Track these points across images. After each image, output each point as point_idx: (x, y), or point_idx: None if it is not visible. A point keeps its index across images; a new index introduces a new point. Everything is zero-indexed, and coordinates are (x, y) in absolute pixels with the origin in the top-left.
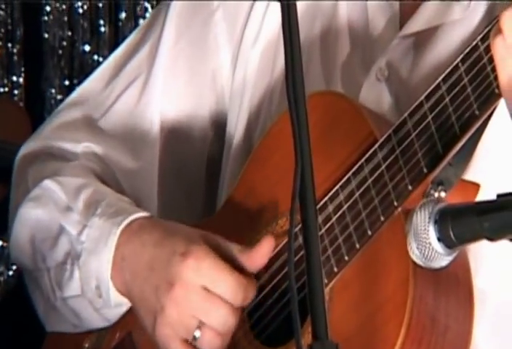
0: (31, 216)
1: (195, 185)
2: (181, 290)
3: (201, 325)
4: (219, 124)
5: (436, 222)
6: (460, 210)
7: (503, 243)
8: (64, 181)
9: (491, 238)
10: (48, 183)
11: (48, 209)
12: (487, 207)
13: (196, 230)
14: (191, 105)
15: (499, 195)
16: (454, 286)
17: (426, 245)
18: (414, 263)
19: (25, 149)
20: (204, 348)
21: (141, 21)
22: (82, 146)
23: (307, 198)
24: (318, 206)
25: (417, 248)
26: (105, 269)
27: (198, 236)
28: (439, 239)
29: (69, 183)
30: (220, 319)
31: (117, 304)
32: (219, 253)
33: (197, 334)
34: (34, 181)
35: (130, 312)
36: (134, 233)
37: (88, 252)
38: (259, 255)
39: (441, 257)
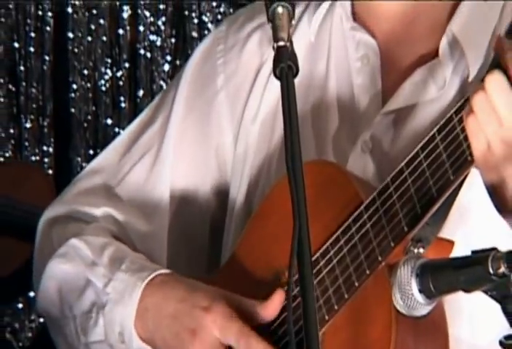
0: (59, 270)
1: (200, 247)
2: (201, 339)
3: None
4: (222, 193)
5: (417, 275)
6: (438, 265)
7: (477, 295)
8: (89, 239)
9: (466, 290)
10: (74, 241)
11: (75, 263)
12: (463, 262)
13: (216, 289)
14: (197, 177)
15: (473, 252)
16: (432, 331)
17: (409, 296)
18: (398, 311)
19: (49, 212)
20: None
21: (156, 97)
22: (100, 210)
23: (304, 256)
24: None
25: (401, 298)
26: (129, 317)
27: (218, 294)
28: (420, 291)
29: (93, 241)
30: None
31: None
32: (237, 310)
33: None
34: (59, 240)
35: None
36: (157, 287)
37: (113, 302)
38: (272, 307)
39: (422, 307)
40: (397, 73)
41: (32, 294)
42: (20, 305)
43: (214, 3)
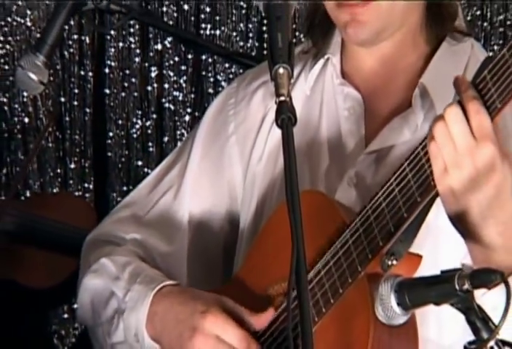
0: (91, 284)
1: (215, 265)
2: (200, 337)
3: None
4: (233, 218)
5: (396, 291)
6: (413, 283)
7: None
8: (115, 259)
9: (436, 303)
10: (103, 260)
11: (103, 278)
12: (433, 280)
13: (212, 295)
14: (212, 206)
15: (442, 271)
16: (405, 335)
17: (389, 308)
18: (379, 320)
19: (90, 237)
20: None
21: (179, 143)
22: (129, 236)
23: (300, 270)
24: None
25: (382, 310)
26: (141, 321)
27: (214, 300)
28: (398, 304)
29: (118, 260)
30: None
31: (149, 347)
32: (229, 312)
33: None
34: (94, 260)
35: None
36: (163, 295)
37: (130, 309)
38: (264, 320)
39: (399, 317)
40: (377, 120)
41: (76, 305)
42: (66, 315)
43: (227, 65)
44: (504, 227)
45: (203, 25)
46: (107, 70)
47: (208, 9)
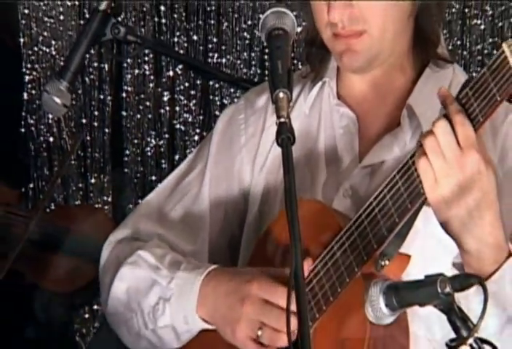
0: (130, 274)
1: (223, 259)
2: (249, 303)
3: (262, 325)
4: (241, 216)
5: (384, 293)
6: (400, 286)
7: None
8: (151, 250)
9: (421, 305)
10: (141, 252)
11: (142, 268)
12: (418, 284)
13: (257, 268)
14: (226, 207)
15: (426, 276)
16: (397, 326)
17: (378, 309)
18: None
19: (114, 235)
20: (267, 342)
21: None
22: (154, 234)
23: (298, 274)
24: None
25: (372, 311)
26: (192, 304)
27: (258, 270)
28: (386, 305)
29: (155, 251)
30: (276, 318)
31: (198, 328)
32: (273, 278)
33: (259, 332)
34: (124, 254)
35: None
36: (210, 278)
37: (177, 295)
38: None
39: (387, 317)
40: (370, 138)
41: (95, 307)
42: (86, 316)
43: (232, 90)
44: (491, 227)
45: (210, 54)
46: (124, 95)
47: (215, 40)
